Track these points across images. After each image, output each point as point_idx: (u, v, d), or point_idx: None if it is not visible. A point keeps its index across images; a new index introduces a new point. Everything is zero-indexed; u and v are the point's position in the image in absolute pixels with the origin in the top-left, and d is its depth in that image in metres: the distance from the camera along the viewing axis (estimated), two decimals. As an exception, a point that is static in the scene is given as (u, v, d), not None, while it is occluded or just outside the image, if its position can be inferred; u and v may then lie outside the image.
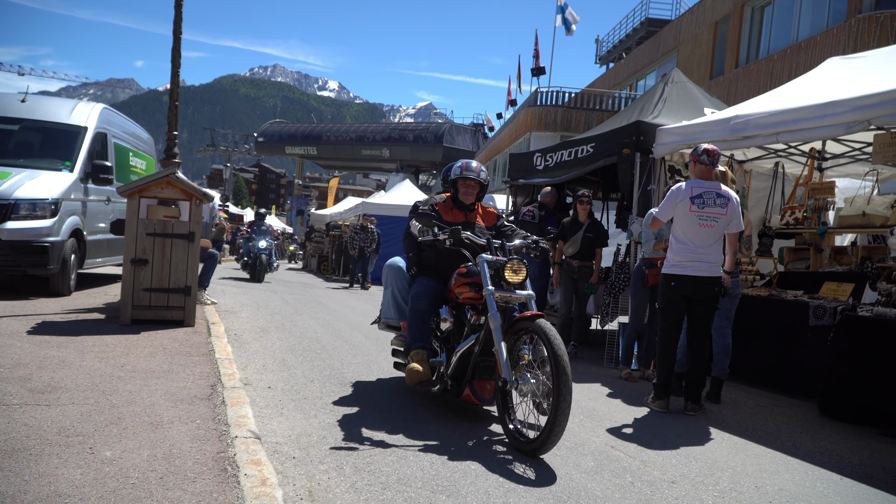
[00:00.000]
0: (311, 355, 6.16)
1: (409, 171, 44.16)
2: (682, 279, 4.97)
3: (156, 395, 3.97)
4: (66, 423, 3.32)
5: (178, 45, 8.06)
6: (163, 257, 6.57)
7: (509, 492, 3.09)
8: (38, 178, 7.86)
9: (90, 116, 9.06)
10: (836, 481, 3.71)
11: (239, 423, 3.57)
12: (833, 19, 15.63)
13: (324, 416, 4.12)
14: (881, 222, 6.61)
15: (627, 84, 28.59)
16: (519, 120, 28.53)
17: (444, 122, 49.23)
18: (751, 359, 6.36)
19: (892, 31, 13.71)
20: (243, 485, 2.74)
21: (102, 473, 2.74)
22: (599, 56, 35.76)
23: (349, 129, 51.71)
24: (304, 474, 3.10)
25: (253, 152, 55.38)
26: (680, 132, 6.84)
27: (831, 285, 6.41)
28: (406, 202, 16.91)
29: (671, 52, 24.11)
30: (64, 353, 4.86)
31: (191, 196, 6.82)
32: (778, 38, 17.86)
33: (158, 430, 3.34)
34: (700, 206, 4.91)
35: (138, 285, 6.49)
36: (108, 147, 9.41)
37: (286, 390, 4.70)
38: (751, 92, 15.19)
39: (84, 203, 8.48)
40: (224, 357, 5.29)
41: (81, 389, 3.95)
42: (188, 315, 6.65)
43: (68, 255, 7.98)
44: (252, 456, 3.08)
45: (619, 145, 7.31)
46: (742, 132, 6.15)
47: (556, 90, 26.55)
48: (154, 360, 4.92)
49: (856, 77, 6.00)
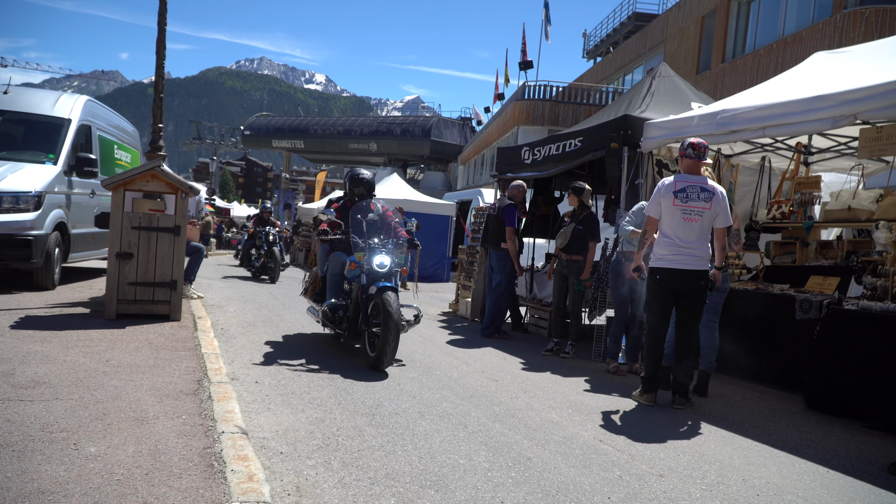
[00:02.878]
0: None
1: (396, 165, 44.01)
2: (667, 272, 4.98)
3: (141, 391, 3.93)
4: (49, 418, 3.28)
5: (163, 37, 7.98)
6: (148, 251, 6.51)
7: (498, 486, 3.09)
8: (21, 170, 7.76)
9: (74, 108, 8.95)
10: (823, 474, 3.74)
11: (225, 418, 3.55)
12: (818, 14, 15.73)
13: (311, 410, 4.10)
14: (866, 216, 6.66)
15: (615, 78, 28.66)
16: (507, 114, 28.52)
17: (432, 116, 49.09)
18: (738, 352, 6.39)
19: (877, 26, 13.81)
20: (230, 480, 2.72)
21: (87, 470, 2.70)
22: (587, 50, 35.81)
23: (336, 122, 51.43)
24: (292, 469, 3.08)
25: (239, 145, 54.97)
26: (667, 126, 6.85)
27: (817, 279, 6.46)
28: (394, 196, 16.80)
29: (658, 47, 24.18)
30: (48, 348, 4.80)
31: (176, 189, 6.76)
32: (764, 32, 17.96)
33: (144, 426, 3.30)
34: (683, 201, 4.92)
35: (123, 279, 6.42)
36: (92, 139, 9.30)
37: (273, 385, 4.67)
38: (737, 86, 15.28)
39: (68, 196, 8.38)
40: (210, 352, 5.25)
41: (65, 385, 3.90)
42: (174, 309, 6.60)
43: (52, 249, 7.89)
44: (239, 451, 3.06)
45: (606, 139, 7.30)
46: (729, 126, 6.17)
47: (544, 84, 26.57)
48: (139, 355, 4.87)
49: (841, 72, 6.03)
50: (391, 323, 5.29)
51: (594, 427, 4.32)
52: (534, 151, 8.91)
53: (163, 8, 7.90)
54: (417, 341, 7.16)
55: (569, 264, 7.10)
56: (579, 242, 7.05)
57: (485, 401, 4.74)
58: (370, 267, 5.67)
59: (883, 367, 4.83)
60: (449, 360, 6.21)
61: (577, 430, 4.21)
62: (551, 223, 9.61)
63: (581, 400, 5.07)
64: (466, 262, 10.16)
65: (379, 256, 5.72)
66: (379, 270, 5.65)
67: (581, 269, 7.07)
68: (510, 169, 9.60)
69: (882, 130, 5.46)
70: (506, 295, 8.16)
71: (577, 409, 4.77)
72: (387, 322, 5.29)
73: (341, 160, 58.87)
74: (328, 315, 6.02)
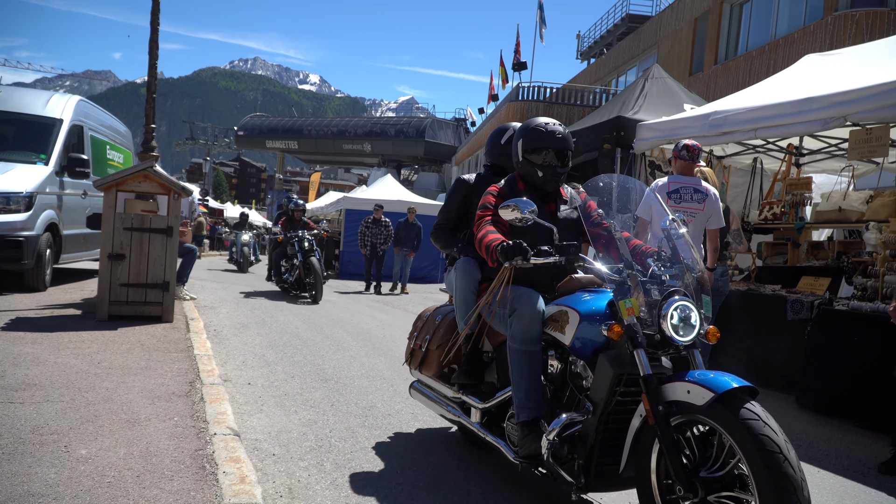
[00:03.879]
0: (291, 351, 6.12)
1: (390, 166, 44.01)
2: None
3: (133, 392, 3.92)
4: (40, 420, 3.26)
5: (156, 37, 7.97)
6: (140, 252, 6.49)
7: (490, 488, 3.09)
8: (12, 171, 7.71)
9: (66, 108, 8.90)
10: (814, 473, 3.75)
11: (218, 419, 3.54)
12: (810, 17, 15.81)
13: (304, 412, 4.09)
14: (857, 217, 6.70)
15: (608, 80, 28.72)
16: (500, 115, 28.55)
17: (426, 117, 49.11)
18: (729, 352, 6.41)
19: (868, 28, 13.89)
20: (222, 482, 2.71)
21: (77, 472, 2.69)
22: (580, 51, 35.86)
23: (330, 123, 51.41)
24: (284, 471, 3.07)
25: (233, 146, 54.87)
26: (660, 128, 6.88)
27: (808, 280, 6.49)
28: (388, 197, 16.75)
29: (651, 49, 24.24)
30: (39, 350, 4.78)
31: (169, 190, 6.74)
32: (756, 35, 18.04)
33: (135, 428, 3.29)
34: (677, 202, 4.94)
35: (115, 280, 6.40)
36: (84, 140, 9.26)
37: (266, 386, 4.66)
38: (729, 88, 15.33)
39: (60, 197, 8.34)
40: (203, 353, 5.23)
41: (56, 387, 3.89)
42: (166, 311, 6.58)
43: (43, 250, 7.84)
44: (231, 453, 3.05)
45: (599, 140, 7.33)
46: (721, 128, 6.20)
47: (538, 85, 26.63)
48: (131, 357, 4.86)
49: (832, 74, 6.07)
50: None
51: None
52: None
53: (156, 7, 7.88)
54: (411, 342, 7.16)
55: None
56: None
57: (478, 402, 4.74)
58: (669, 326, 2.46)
59: (873, 367, 4.86)
60: (442, 361, 6.20)
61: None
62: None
63: (574, 401, 5.08)
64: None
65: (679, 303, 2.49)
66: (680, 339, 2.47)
67: None
68: (503, 170, 9.60)
69: (871, 132, 5.50)
70: None
71: (569, 409, 4.77)
72: None
73: (335, 161, 58.86)
74: (559, 451, 2.61)
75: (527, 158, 3.11)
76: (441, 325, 3.55)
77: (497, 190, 3.14)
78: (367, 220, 13.77)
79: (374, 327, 8.08)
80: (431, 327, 3.61)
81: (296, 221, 11.60)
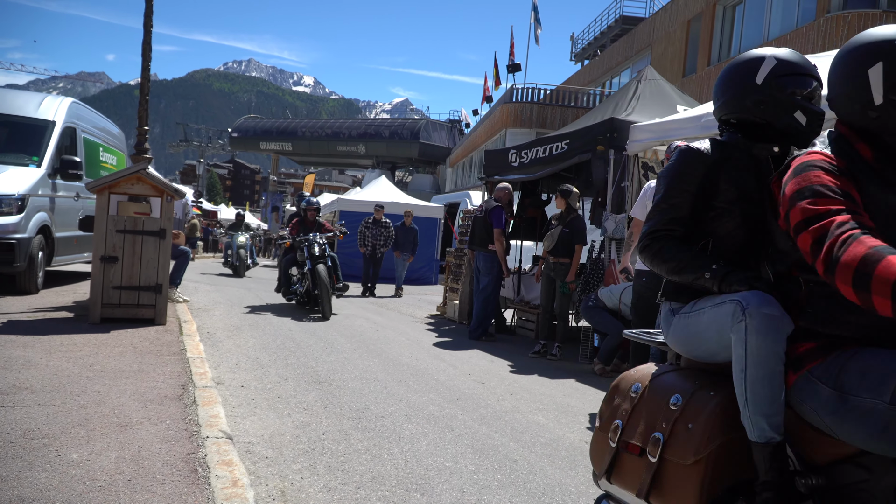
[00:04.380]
0: (284, 353, 6.10)
1: (385, 168, 44.02)
2: (654, 275, 5.01)
3: (125, 396, 3.90)
4: (30, 424, 3.24)
5: (149, 39, 7.94)
6: (133, 255, 6.47)
7: (483, 489, 3.09)
8: (4, 173, 7.68)
9: (59, 110, 8.87)
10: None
11: (210, 423, 3.52)
12: (802, 18, 15.89)
13: (297, 414, 4.08)
14: (849, 219, 6.73)
15: (602, 81, 28.79)
16: (495, 116, 28.60)
17: (421, 119, 49.16)
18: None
19: (860, 29, 13.81)
20: (214, 486, 2.70)
21: (68, 476, 2.68)
22: (574, 53, 35.94)
23: (325, 124, 51.40)
24: (277, 474, 3.06)
25: (227, 148, 54.78)
26: (653, 129, 6.89)
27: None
28: (382, 198, 16.78)
29: (645, 50, 24.32)
30: (30, 353, 4.76)
31: (162, 192, 6.71)
32: (749, 36, 18.11)
33: (127, 432, 3.28)
34: None
35: (108, 283, 6.37)
36: (77, 142, 9.22)
37: (259, 389, 4.65)
38: (723, 90, 15.37)
39: (52, 199, 8.31)
40: (196, 356, 5.22)
41: (48, 390, 3.87)
42: (159, 313, 6.56)
43: (36, 253, 7.81)
44: (223, 456, 3.04)
45: (593, 142, 7.34)
46: (713, 130, 6.21)
47: (532, 87, 26.69)
48: (124, 360, 4.84)
49: (824, 75, 6.08)
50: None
51: (581, 429, 4.33)
52: (521, 154, 8.94)
53: (149, 9, 7.85)
54: (405, 344, 7.16)
55: (556, 267, 7.14)
56: (566, 245, 7.08)
57: (472, 403, 4.74)
58: None
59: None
60: (436, 363, 6.20)
61: (563, 431, 4.22)
62: (538, 225, 9.64)
63: (568, 402, 5.08)
64: (454, 265, 10.17)
65: None
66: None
67: (565, 271, 7.11)
68: (497, 171, 9.62)
69: (864, 134, 5.52)
70: (493, 297, 8.19)
71: (563, 411, 4.78)
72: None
73: (329, 162, 58.81)
74: None
75: (891, 99, 1.68)
76: (690, 415, 1.78)
77: (826, 160, 1.73)
78: (367, 221, 13.61)
79: (367, 329, 8.07)
80: (663, 416, 1.84)
81: (309, 223, 9.83)
